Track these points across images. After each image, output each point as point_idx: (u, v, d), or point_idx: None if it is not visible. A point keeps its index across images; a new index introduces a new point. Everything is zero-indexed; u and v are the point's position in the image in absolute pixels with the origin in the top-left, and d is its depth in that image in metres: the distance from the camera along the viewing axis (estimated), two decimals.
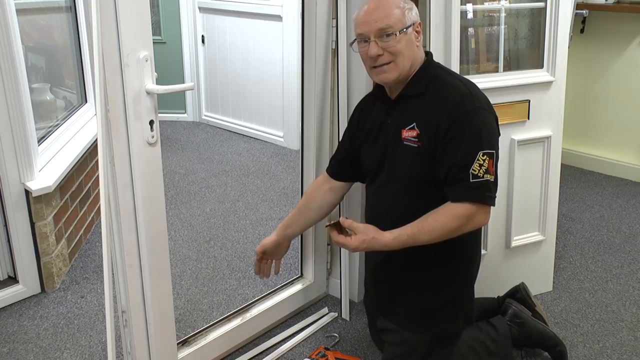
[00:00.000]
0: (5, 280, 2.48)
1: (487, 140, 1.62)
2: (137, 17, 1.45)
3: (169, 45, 4.76)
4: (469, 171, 1.59)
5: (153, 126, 1.54)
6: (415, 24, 1.69)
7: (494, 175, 1.62)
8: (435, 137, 1.63)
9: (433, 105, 1.66)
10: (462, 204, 1.61)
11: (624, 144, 3.78)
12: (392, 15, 1.64)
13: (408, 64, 1.68)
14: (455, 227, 1.62)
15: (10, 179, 2.34)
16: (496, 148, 1.65)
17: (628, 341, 2.22)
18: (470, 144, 1.60)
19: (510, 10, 2.30)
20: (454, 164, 1.61)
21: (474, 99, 1.64)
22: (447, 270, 1.77)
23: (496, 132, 1.69)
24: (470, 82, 1.72)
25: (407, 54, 1.67)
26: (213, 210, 3.31)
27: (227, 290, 2.54)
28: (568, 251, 2.88)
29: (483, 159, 1.59)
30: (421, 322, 1.80)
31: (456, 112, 1.61)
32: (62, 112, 2.99)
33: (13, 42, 2.24)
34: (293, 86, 4.15)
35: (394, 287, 1.84)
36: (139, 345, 1.73)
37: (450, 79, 1.72)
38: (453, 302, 1.80)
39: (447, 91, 1.67)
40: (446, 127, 1.61)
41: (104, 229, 1.49)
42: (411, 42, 1.68)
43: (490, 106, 1.69)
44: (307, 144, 2.27)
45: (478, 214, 1.63)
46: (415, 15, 1.69)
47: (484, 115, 1.64)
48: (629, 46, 3.61)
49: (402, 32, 1.65)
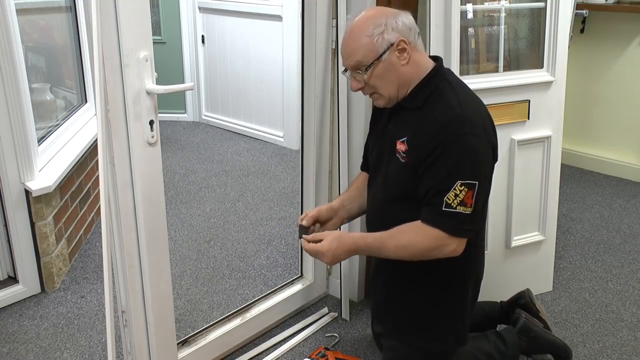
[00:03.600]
0: (5, 280, 2.48)
1: (468, 170, 1.54)
2: (137, 17, 1.45)
3: (169, 45, 4.76)
4: (443, 198, 1.54)
5: (153, 126, 1.54)
6: (394, 44, 1.58)
7: (471, 208, 1.54)
8: (418, 157, 1.58)
9: (424, 124, 1.60)
10: (433, 227, 1.57)
11: (624, 144, 3.78)
12: (361, 49, 1.59)
13: (393, 89, 1.64)
14: (423, 248, 1.59)
15: (10, 179, 2.34)
16: (480, 179, 1.55)
17: (628, 341, 2.22)
18: (449, 171, 1.54)
19: (510, 10, 2.30)
20: (431, 187, 1.56)
21: (464, 123, 1.55)
22: (435, 290, 1.74)
23: (486, 161, 1.59)
24: (470, 102, 1.62)
25: (390, 80, 1.62)
26: (213, 210, 3.31)
27: (227, 290, 2.54)
28: (568, 251, 2.88)
29: (460, 189, 1.52)
30: (408, 334, 1.79)
31: (441, 135, 1.54)
32: (62, 112, 2.99)
33: (13, 42, 2.24)
34: (293, 86, 4.15)
35: (383, 296, 1.85)
36: (139, 345, 1.73)
37: (450, 95, 1.61)
38: (441, 321, 1.76)
39: (440, 110, 1.58)
40: (430, 150, 1.55)
41: (104, 229, 1.49)
42: (391, 66, 1.60)
43: (487, 132, 1.60)
44: (307, 144, 2.27)
45: (448, 243, 1.57)
46: (392, 35, 1.58)
47: (472, 143, 1.54)
48: (629, 46, 3.61)
49: (373, 64, 1.60)
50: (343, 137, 2.20)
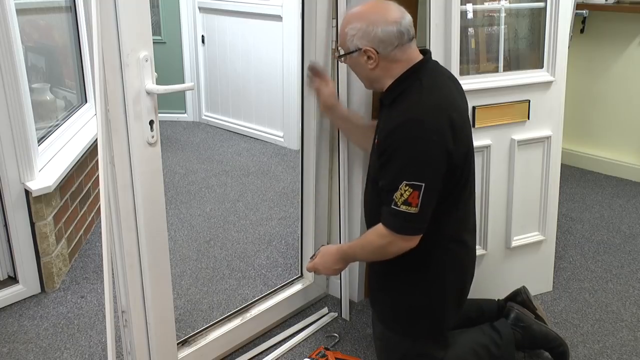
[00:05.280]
0: (5, 280, 2.48)
1: (415, 171, 1.58)
2: (137, 17, 1.45)
3: (169, 45, 4.76)
4: (392, 196, 1.61)
5: (153, 126, 1.54)
6: (361, 50, 1.66)
7: (417, 208, 1.58)
8: (379, 153, 1.67)
9: (386, 122, 1.67)
10: (383, 226, 1.66)
11: (624, 144, 3.78)
12: (340, 37, 1.74)
13: (365, 81, 1.77)
14: (378, 246, 1.69)
15: (10, 179, 2.34)
16: (427, 180, 1.58)
17: (628, 341, 2.22)
18: (397, 172, 1.60)
19: (510, 10, 2.30)
20: (384, 185, 1.65)
21: (416, 126, 1.58)
22: (409, 277, 1.80)
23: (435, 164, 1.60)
24: (433, 104, 1.62)
25: (359, 74, 1.77)
26: (213, 210, 3.31)
27: (227, 290, 2.54)
28: (568, 251, 2.88)
29: (405, 189, 1.58)
30: (394, 322, 1.87)
31: (394, 135, 1.60)
32: (62, 112, 2.99)
33: (13, 42, 2.24)
34: (293, 86, 4.15)
35: (373, 281, 1.95)
36: (139, 345, 1.73)
37: (413, 96, 1.64)
38: (418, 313, 1.82)
39: (399, 111, 1.64)
40: (384, 148, 1.63)
41: (104, 229, 1.49)
42: (359, 64, 1.71)
43: (442, 135, 1.59)
44: (307, 144, 2.27)
45: (397, 240, 1.65)
46: (361, 42, 1.65)
47: (421, 146, 1.58)
48: (629, 46, 3.61)
49: (345, 55, 1.72)
50: (343, 137, 2.20)
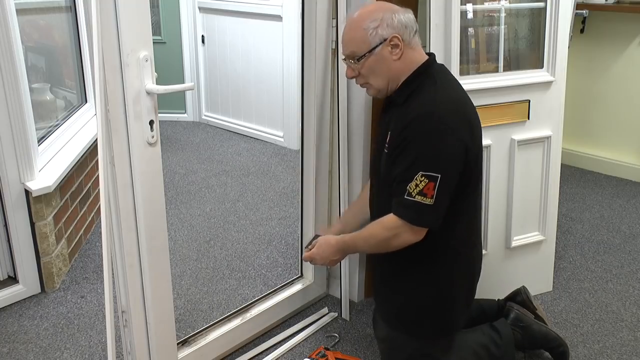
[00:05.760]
0: (5, 280, 2.48)
1: (432, 163, 1.59)
2: (137, 17, 1.45)
3: (169, 45, 4.76)
4: (406, 187, 1.61)
5: (153, 126, 1.54)
6: (387, 39, 1.66)
7: (432, 199, 1.59)
8: (393, 148, 1.67)
9: (401, 118, 1.68)
10: (394, 216, 1.66)
11: (624, 144, 3.78)
12: (355, 40, 1.69)
13: (383, 82, 1.72)
14: (383, 239, 1.68)
15: (10, 179, 2.34)
16: (443, 172, 1.59)
17: (628, 341, 2.22)
18: (413, 162, 1.61)
19: (510, 10, 2.30)
20: (397, 175, 1.65)
21: (432, 119, 1.60)
22: (418, 278, 1.79)
23: (451, 157, 1.62)
24: (448, 100, 1.65)
25: (380, 73, 1.71)
26: (213, 210, 3.31)
27: (227, 290, 2.54)
28: (568, 251, 2.88)
29: (421, 179, 1.59)
30: (399, 322, 1.85)
31: (411, 127, 1.62)
32: (62, 112, 2.99)
33: (13, 42, 2.24)
34: (293, 86, 4.15)
35: (381, 282, 1.92)
36: (139, 345, 1.73)
37: (428, 92, 1.66)
38: (427, 313, 1.81)
39: (414, 106, 1.66)
40: (399, 142, 1.64)
41: (104, 229, 1.49)
42: (382, 60, 1.69)
43: (459, 130, 1.62)
44: (307, 144, 2.27)
45: (405, 231, 1.64)
46: (386, 31, 1.66)
47: (436, 138, 1.60)
48: (629, 46, 3.61)
49: (365, 56, 1.68)
50: (343, 137, 2.20)
